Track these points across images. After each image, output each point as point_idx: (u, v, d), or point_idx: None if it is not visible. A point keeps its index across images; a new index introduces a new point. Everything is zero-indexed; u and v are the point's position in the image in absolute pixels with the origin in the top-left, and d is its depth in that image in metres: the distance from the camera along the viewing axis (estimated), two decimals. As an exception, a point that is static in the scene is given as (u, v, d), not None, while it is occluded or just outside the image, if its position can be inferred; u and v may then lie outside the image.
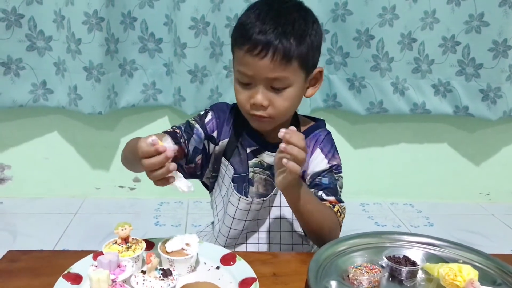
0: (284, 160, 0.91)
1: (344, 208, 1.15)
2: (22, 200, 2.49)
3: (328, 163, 1.15)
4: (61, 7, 2.14)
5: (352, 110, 2.41)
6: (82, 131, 2.47)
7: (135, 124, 2.49)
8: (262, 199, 1.15)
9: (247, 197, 1.15)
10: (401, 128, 2.57)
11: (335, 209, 1.11)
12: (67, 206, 2.44)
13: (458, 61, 2.34)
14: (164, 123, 2.48)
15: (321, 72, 1.11)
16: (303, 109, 2.32)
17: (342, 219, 1.13)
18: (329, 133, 1.21)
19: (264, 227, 1.19)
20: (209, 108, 1.20)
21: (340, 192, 1.17)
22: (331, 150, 1.17)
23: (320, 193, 1.12)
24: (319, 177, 1.14)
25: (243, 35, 1.01)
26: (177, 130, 1.14)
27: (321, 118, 1.30)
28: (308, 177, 1.15)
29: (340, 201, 1.14)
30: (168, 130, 1.14)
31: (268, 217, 1.19)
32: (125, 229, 0.90)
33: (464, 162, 2.64)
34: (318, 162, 1.15)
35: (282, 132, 0.91)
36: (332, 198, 1.12)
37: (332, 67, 2.38)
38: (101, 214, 2.34)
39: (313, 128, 1.20)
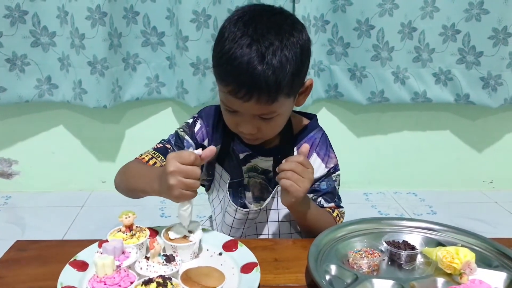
0: (287, 183, 0.95)
1: (343, 213, 1.17)
2: (29, 194, 2.52)
3: (326, 167, 1.14)
4: (64, 2, 2.16)
5: (354, 100, 2.42)
6: (88, 125, 2.50)
7: (139, 117, 2.52)
8: (259, 208, 1.15)
9: (244, 207, 1.15)
10: (403, 117, 2.58)
11: (334, 214, 1.13)
12: (74, 199, 2.48)
13: (458, 49, 2.34)
14: (168, 116, 2.51)
15: (311, 84, 1.07)
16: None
17: (341, 223, 1.13)
18: (323, 132, 1.18)
19: (264, 230, 1.19)
20: (197, 115, 1.18)
21: (338, 189, 1.18)
22: (327, 152, 1.15)
23: (319, 199, 1.13)
24: (318, 183, 1.13)
25: (224, 76, 0.96)
26: (168, 145, 1.13)
27: (324, 108, 1.29)
28: None
29: (339, 206, 1.16)
30: (158, 146, 1.13)
31: (266, 221, 1.18)
32: (129, 217, 0.92)
33: (467, 150, 2.65)
34: (315, 168, 1.10)
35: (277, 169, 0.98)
36: (331, 204, 1.14)
37: (333, 58, 2.39)
38: (108, 206, 2.37)
39: (307, 130, 1.16)
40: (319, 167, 1.13)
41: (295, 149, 1.14)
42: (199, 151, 0.90)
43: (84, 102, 2.29)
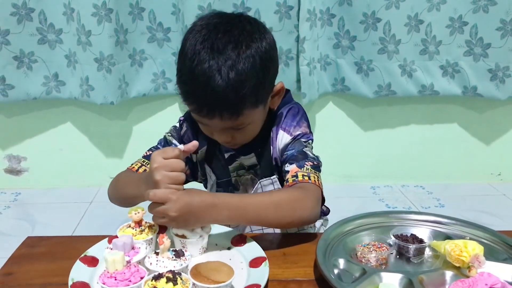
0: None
1: (311, 168, 1.03)
2: (38, 191, 2.54)
3: (290, 135, 1.09)
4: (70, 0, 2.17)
5: (361, 93, 2.41)
6: (95, 121, 2.51)
7: (146, 113, 2.53)
8: None
9: None
10: (410, 110, 2.57)
11: (299, 178, 1.01)
12: (83, 195, 2.49)
13: (465, 41, 2.32)
14: (175, 111, 2.51)
15: (282, 87, 1.07)
16: (311, 94, 2.33)
17: (315, 178, 1.02)
18: (291, 108, 1.12)
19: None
20: (183, 118, 1.19)
21: (312, 155, 1.08)
22: (293, 123, 1.10)
23: (286, 165, 1.06)
24: (286, 152, 1.08)
25: (185, 96, 0.97)
26: None
27: (331, 102, 1.23)
28: (279, 159, 1.11)
29: (301, 166, 1.03)
30: (148, 154, 1.14)
31: None
32: (138, 213, 0.93)
33: (474, 142, 2.64)
34: (281, 139, 1.10)
35: None
36: (293, 166, 1.04)
37: (340, 51, 2.38)
38: (116, 202, 2.38)
39: (277, 113, 1.13)
40: (283, 138, 1.10)
41: (271, 135, 1.12)
42: (181, 146, 0.91)
43: (92, 98, 2.30)
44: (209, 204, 0.90)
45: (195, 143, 0.93)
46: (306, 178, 1.01)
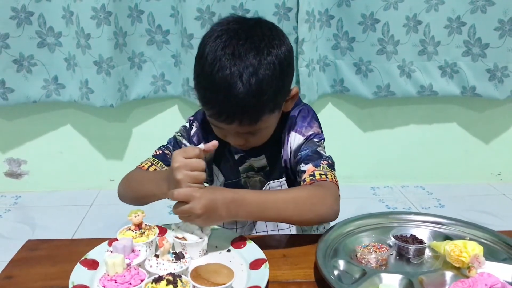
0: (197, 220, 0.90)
1: (327, 166, 1.04)
2: (39, 194, 2.54)
3: (303, 135, 1.10)
4: (69, 3, 2.17)
5: (360, 94, 2.42)
6: (95, 124, 2.51)
7: (146, 115, 2.53)
8: None
9: None
10: (410, 111, 2.57)
11: (317, 177, 1.01)
12: (83, 198, 2.49)
13: (464, 41, 2.33)
14: (174, 114, 2.51)
15: (296, 93, 1.07)
16: (311, 95, 2.34)
17: (332, 176, 1.02)
18: (301, 109, 1.13)
19: (262, 227, 1.19)
20: (193, 118, 1.18)
21: (325, 154, 1.09)
22: (304, 124, 1.11)
23: (301, 165, 1.06)
24: (299, 153, 1.08)
25: (205, 101, 0.97)
26: (166, 151, 1.13)
27: (330, 103, 1.23)
28: (292, 160, 1.12)
29: (317, 165, 1.04)
30: (158, 153, 1.13)
31: None
32: (138, 215, 0.93)
33: (474, 142, 2.64)
34: (293, 141, 1.11)
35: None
36: (309, 166, 1.04)
37: (338, 52, 2.39)
38: (116, 205, 2.34)
39: (288, 117, 1.13)
40: (296, 139, 1.10)
41: (282, 137, 1.13)
42: (202, 145, 0.92)
43: (91, 101, 2.30)
44: (230, 201, 0.90)
45: (215, 143, 0.93)
46: (324, 176, 1.01)
